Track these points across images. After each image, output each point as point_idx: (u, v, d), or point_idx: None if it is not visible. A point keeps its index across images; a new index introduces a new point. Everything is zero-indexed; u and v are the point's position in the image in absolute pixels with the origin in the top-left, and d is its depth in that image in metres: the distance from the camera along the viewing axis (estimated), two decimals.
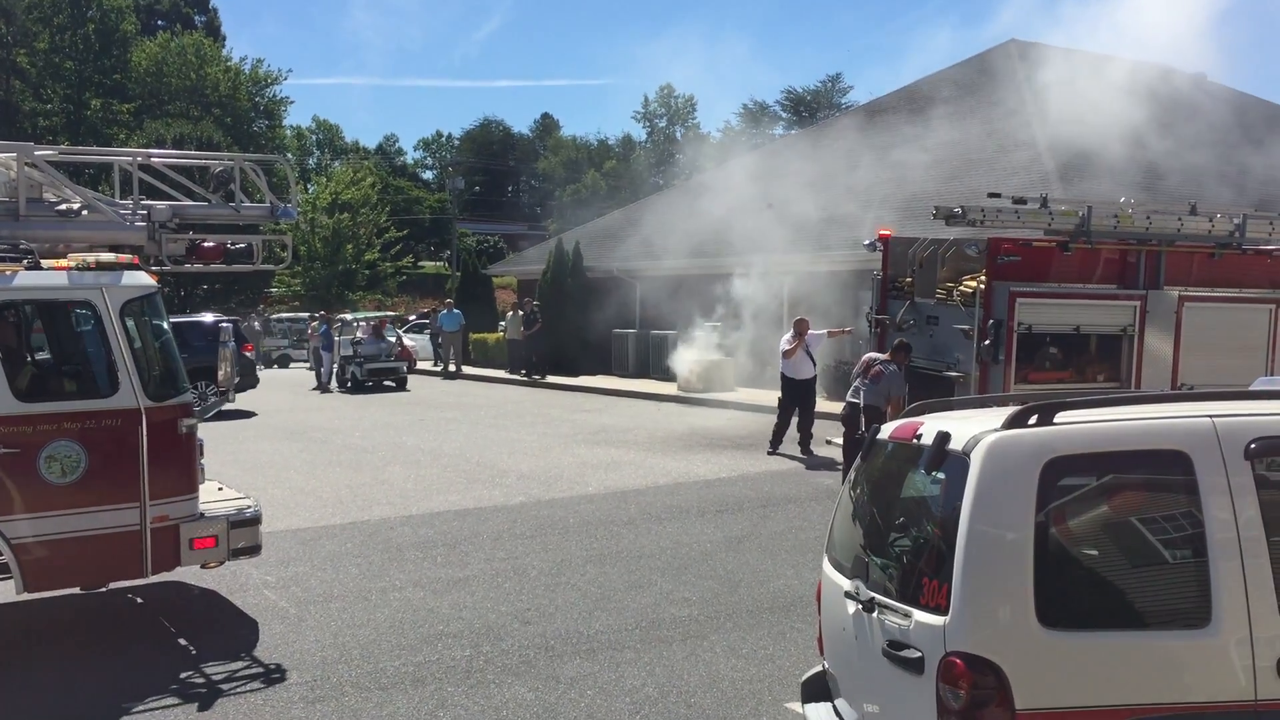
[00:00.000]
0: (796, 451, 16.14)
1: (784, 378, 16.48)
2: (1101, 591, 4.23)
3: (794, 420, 16.37)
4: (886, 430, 5.10)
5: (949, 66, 34.54)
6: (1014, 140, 26.50)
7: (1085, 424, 4.37)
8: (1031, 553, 4.05)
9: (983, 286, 11.64)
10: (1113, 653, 4.08)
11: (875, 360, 12.88)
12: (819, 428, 16.41)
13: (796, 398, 16.36)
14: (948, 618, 4.08)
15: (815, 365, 16.47)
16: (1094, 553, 4.31)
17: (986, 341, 11.44)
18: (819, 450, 15.98)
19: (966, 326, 11.76)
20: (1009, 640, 4.03)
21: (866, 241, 13.88)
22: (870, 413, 12.65)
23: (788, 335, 16.57)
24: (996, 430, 4.25)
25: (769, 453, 16.23)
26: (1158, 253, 12.52)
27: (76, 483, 7.48)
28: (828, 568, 5.22)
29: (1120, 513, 4.34)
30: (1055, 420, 4.30)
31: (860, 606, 4.65)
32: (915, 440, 4.70)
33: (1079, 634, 4.08)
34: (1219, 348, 12.33)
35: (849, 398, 12.85)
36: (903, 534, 4.81)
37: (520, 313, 30.89)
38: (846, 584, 4.84)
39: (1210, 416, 4.34)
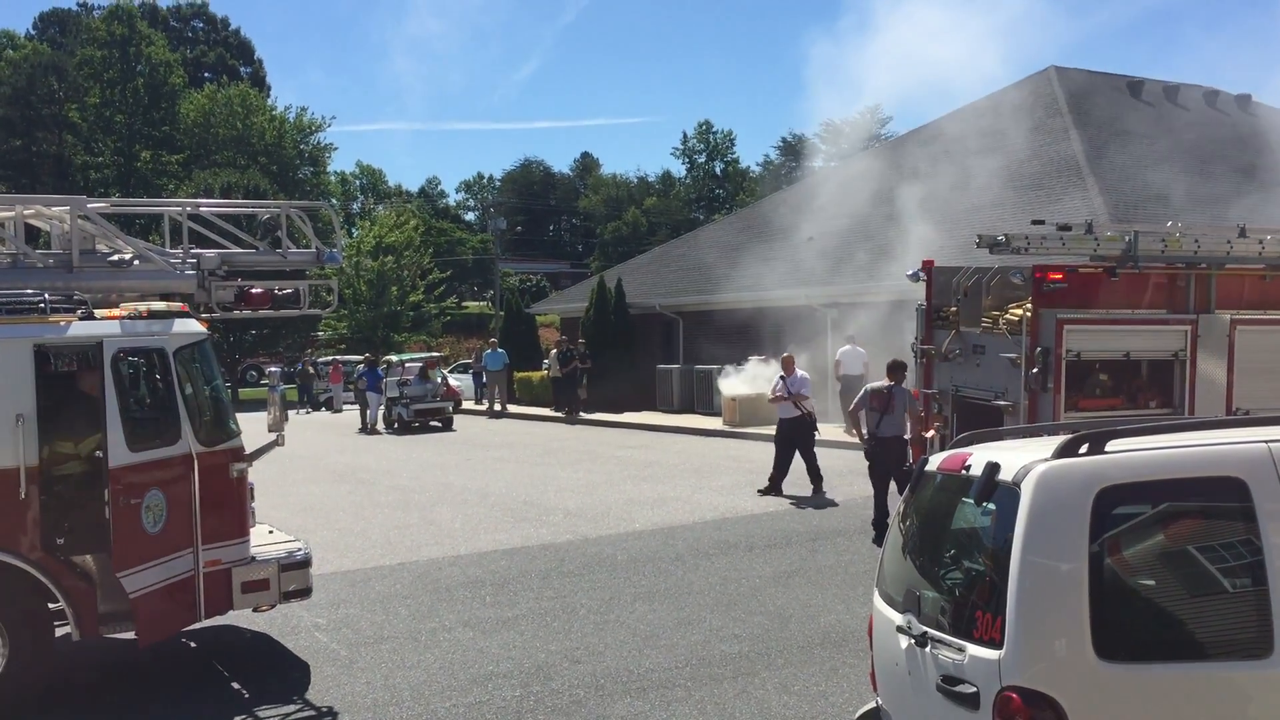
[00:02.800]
0: (843, 485, 15.94)
1: (779, 418, 16.16)
2: (1159, 622, 4.16)
3: (815, 455, 15.86)
4: (935, 462, 5.06)
5: (988, 95, 34.31)
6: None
7: (1138, 452, 4.31)
8: (1086, 584, 4.00)
9: (1029, 314, 11.53)
10: (1172, 685, 4.00)
11: (880, 389, 12.81)
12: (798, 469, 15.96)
13: (792, 435, 15.92)
14: (1002, 651, 4.02)
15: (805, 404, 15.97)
16: (1150, 583, 4.24)
17: (1034, 370, 11.31)
18: (769, 495, 15.63)
19: (1014, 355, 11.62)
20: (1066, 674, 3.97)
21: (910, 271, 13.79)
22: (896, 444, 12.64)
23: (779, 377, 16.22)
24: (1047, 460, 4.21)
25: (814, 492, 15.91)
26: (1208, 276, 12.35)
27: (161, 531, 7.58)
28: (879, 602, 5.16)
29: (1176, 541, 4.27)
30: (1107, 448, 4.25)
31: (913, 641, 4.60)
32: (964, 471, 4.66)
33: (1137, 666, 4.01)
34: (1274, 371, 12.10)
35: (872, 431, 12.75)
36: (954, 566, 4.76)
37: (555, 351, 30.78)
38: (898, 618, 4.79)
39: (1266, 442, 4.27)
